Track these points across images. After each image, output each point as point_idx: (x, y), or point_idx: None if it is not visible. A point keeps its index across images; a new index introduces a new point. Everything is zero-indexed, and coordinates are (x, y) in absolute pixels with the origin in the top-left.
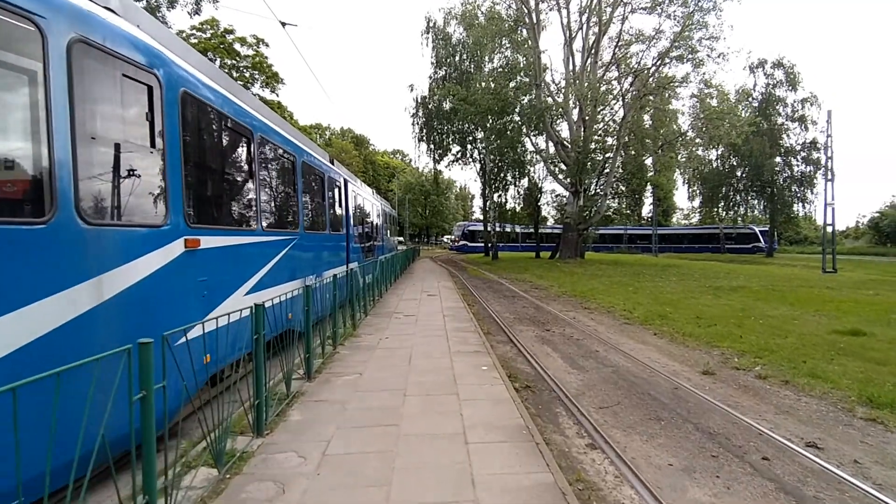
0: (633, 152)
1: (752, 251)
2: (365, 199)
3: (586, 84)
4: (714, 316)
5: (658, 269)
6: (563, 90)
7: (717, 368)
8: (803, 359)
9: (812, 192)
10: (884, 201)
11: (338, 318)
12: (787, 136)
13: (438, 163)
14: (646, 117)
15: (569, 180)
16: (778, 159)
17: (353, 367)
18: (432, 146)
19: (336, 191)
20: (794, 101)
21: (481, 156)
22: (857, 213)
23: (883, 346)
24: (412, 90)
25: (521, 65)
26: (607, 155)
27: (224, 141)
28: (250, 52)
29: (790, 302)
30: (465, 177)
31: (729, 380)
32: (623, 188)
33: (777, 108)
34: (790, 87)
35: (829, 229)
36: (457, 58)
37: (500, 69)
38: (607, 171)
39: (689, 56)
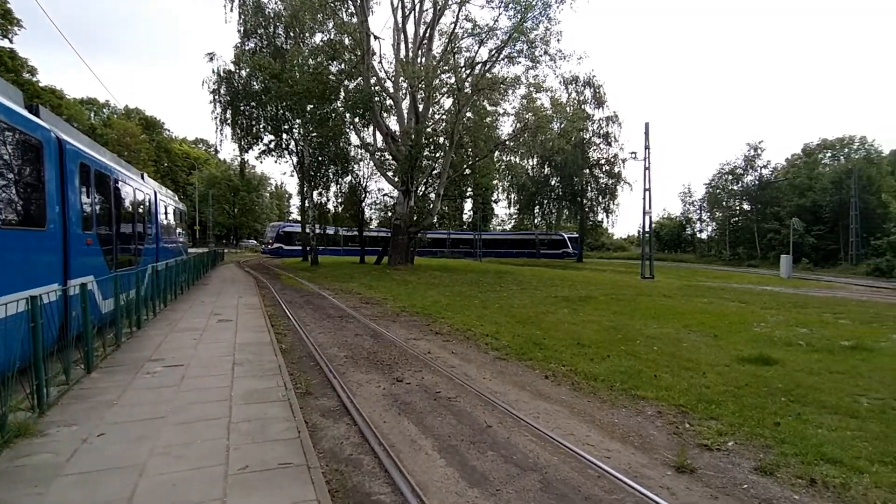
0: (469, 152)
1: (562, 256)
2: (115, 177)
3: (421, 68)
4: (595, 340)
5: (493, 277)
6: (392, 77)
7: (683, 451)
8: (769, 417)
9: (614, 203)
10: (658, 213)
11: None
12: (595, 150)
13: (246, 152)
14: (476, 116)
15: (398, 178)
16: (587, 171)
17: None
18: (239, 132)
19: (20, 150)
20: (601, 119)
21: (299, 147)
22: (637, 222)
23: (813, 379)
24: (212, 59)
25: (347, 45)
26: (439, 154)
27: None
28: None
29: (651, 315)
30: (280, 170)
31: (730, 486)
32: (454, 190)
33: (586, 123)
34: (597, 105)
35: (647, 237)
36: (271, 29)
37: (323, 46)
38: (437, 170)
39: (525, 53)
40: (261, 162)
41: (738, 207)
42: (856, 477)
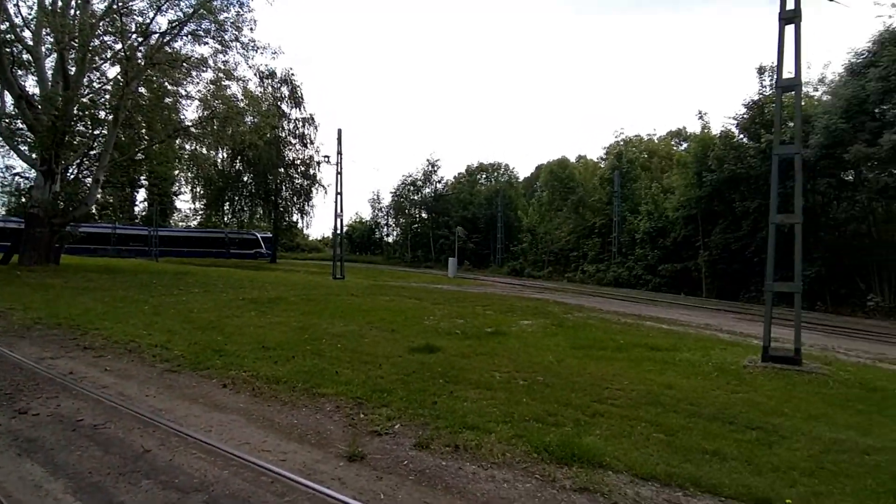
0: (144, 133)
1: (255, 257)
2: None
3: (74, 23)
4: (281, 342)
5: (171, 278)
6: (34, 26)
7: (355, 441)
8: (430, 397)
9: (309, 204)
10: (351, 217)
11: None
12: (290, 150)
13: None
14: (152, 94)
15: (36, 155)
16: (282, 170)
17: None
18: None
19: None
20: (297, 119)
21: None
22: (331, 224)
23: (464, 362)
24: None
25: None
26: (99, 131)
27: None
28: None
29: (339, 314)
30: None
31: (393, 465)
32: (122, 177)
33: (282, 121)
34: (295, 105)
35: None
36: None
37: None
38: (97, 151)
39: (213, 34)
40: None
41: (418, 215)
42: (486, 436)
